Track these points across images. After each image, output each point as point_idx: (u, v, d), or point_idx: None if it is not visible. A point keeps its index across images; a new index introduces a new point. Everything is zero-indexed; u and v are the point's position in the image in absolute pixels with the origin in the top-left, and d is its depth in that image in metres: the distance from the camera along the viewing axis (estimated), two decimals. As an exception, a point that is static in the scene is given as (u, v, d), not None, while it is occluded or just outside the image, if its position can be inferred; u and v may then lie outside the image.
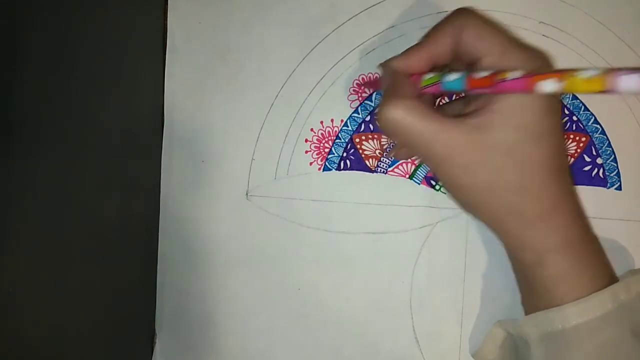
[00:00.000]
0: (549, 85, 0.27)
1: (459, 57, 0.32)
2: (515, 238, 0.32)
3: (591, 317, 0.30)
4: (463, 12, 0.31)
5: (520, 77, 0.28)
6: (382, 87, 0.34)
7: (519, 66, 0.29)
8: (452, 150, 0.30)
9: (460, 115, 0.31)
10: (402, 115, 0.30)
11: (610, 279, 0.32)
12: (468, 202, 0.32)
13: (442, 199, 0.38)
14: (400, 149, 0.36)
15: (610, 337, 0.30)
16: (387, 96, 0.31)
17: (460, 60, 0.32)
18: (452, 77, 0.30)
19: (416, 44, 0.32)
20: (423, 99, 0.33)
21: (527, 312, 0.33)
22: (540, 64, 0.29)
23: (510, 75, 0.28)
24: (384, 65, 0.33)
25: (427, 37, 0.32)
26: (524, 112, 0.29)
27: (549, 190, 0.31)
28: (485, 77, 0.29)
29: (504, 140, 0.29)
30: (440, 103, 0.37)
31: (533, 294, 0.33)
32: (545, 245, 0.31)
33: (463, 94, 0.36)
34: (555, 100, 0.31)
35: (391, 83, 0.32)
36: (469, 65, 0.31)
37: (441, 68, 0.33)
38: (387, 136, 0.38)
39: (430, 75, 0.31)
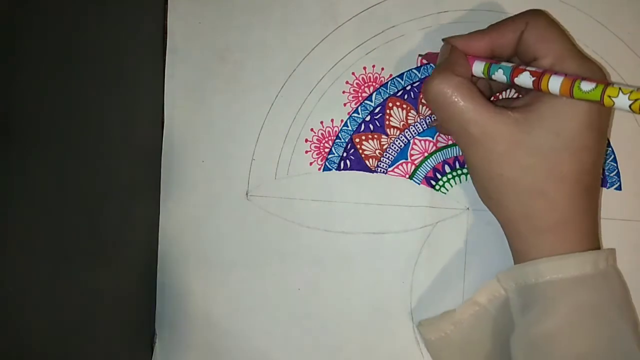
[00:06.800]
0: (586, 87, 0.27)
1: (519, 54, 0.32)
2: (523, 242, 0.32)
3: (566, 276, 0.30)
4: (532, 12, 0.31)
5: (563, 77, 0.28)
6: (437, 61, 0.34)
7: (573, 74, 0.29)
8: (487, 135, 0.30)
9: (506, 108, 0.31)
10: (450, 90, 0.30)
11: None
12: (489, 194, 0.32)
13: (442, 199, 0.38)
14: (439, 123, 0.36)
15: (588, 301, 0.30)
16: (440, 69, 0.31)
17: (519, 58, 0.32)
18: (503, 64, 0.31)
19: (481, 30, 0.33)
20: (477, 82, 0.33)
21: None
22: (595, 76, 0.29)
23: (554, 75, 0.28)
24: (445, 40, 0.33)
25: (493, 26, 0.32)
26: (566, 121, 0.29)
27: (568, 204, 0.30)
28: (532, 71, 0.29)
29: (539, 142, 0.29)
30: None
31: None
32: (548, 255, 0.31)
33: (516, 95, 0.37)
34: (601, 120, 0.30)
35: (447, 58, 0.32)
36: (526, 64, 0.31)
37: (497, 61, 0.33)
38: (429, 107, 0.38)
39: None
